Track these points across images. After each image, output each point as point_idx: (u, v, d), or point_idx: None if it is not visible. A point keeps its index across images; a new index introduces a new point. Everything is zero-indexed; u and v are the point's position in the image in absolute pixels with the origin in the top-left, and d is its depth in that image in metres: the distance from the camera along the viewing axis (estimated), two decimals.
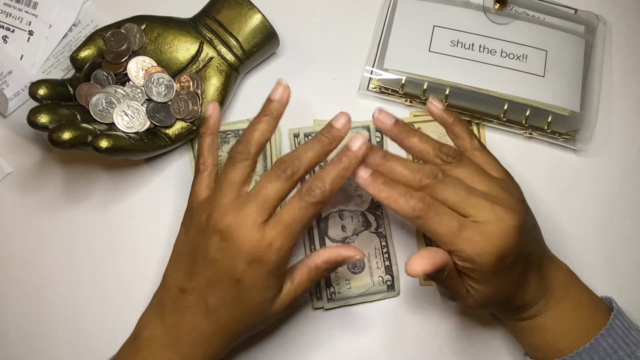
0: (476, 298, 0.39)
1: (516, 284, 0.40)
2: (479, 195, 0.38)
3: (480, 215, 0.37)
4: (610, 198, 0.51)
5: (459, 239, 0.37)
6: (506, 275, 0.39)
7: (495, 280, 0.38)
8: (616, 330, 0.40)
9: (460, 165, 0.40)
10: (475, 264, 0.37)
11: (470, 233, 0.37)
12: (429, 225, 0.37)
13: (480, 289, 0.39)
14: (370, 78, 0.51)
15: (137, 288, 0.49)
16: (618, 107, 0.53)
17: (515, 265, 0.39)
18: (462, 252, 0.37)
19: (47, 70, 0.53)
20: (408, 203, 0.37)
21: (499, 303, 0.41)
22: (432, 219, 0.37)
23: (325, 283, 0.48)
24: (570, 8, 0.53)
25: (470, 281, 0.39)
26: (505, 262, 0.37)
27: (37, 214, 0.50)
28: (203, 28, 0.49)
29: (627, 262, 0.50)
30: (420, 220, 0.37)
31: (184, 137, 0.49)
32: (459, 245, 0.37)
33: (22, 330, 0.48)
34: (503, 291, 0.39)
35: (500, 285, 0.39)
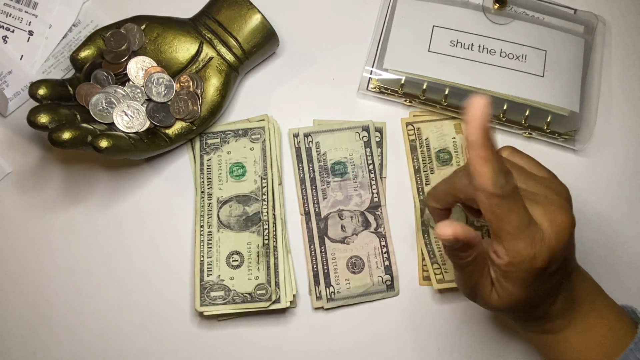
0: (504, 299, 0.36)
1: (549, 291, 0.37)
2: (537, 195, 0.35)
3: (540, 215, 0.34)
4: (609, 198, 0.51)
5: (523, 235, 0.33)
6: (545, 281, 0.36)
7: (532, 286, 0.35)
8: None
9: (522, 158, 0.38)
10: (525, 264, 0.34)
11: (534, 233, 0.34)
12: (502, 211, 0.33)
13: (513, 292, 0.35)
14: (369, 78, 0.51)
15: (137, 288, 0.49)
16: (617, 107, 0.53)
17: (557, 272, 0.36)
18: (516, 248, 0.34)
19: (47, 70, 0.53)
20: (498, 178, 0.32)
21: (525, 309, 0.38)
22: (509, 205, 0.33)
23: (325, 283, 0.48)
24: (569, 8, 0.53)
25: (506, 282, 0.35)
26: (553, 266, 0.35)
27: (37, 214, 0.50)
28: (203, 28, 0.49)
29: (627, 263, 0.50)
30: (496, 202, 0.32)
31: (183, 137, 0.49)
32: (520, 241, 0.33)
33: (22, 330, 0.48)
34: (535, 298, 0.36)
35: (535, 290, 0.36)
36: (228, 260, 0.48)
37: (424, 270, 0.49)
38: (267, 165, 0.50)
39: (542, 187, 0.36)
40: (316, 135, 0.51)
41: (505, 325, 0.48)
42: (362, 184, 0.50)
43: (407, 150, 0.51)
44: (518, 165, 0.38)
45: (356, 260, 0.49)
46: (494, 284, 0.36)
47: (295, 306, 0.48)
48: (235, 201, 0.49)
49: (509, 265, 0.34)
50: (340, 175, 0.50)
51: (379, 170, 0.50)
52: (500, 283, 0.35)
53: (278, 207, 0.49)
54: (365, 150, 0.51)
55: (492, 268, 0.36)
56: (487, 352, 0.48)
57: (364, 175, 0.50)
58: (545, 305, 0.38)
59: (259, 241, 0.48)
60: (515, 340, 0.48)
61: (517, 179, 0.35)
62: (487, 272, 0.36)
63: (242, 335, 0.48)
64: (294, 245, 0.49)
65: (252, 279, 0.47)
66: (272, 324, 0.48)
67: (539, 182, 0.37)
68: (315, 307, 0.48)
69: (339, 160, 0.50)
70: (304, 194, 0.50)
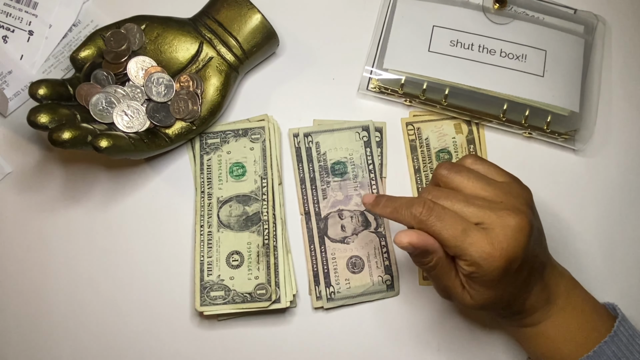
0: (476, 299, 0.39)
1: (520, 288, 0.39)
2: (478, 203, 0.37)
3: (485, 221, 0.37)
4: (609, 198, 0.51)
5: (464, 243, 0.36)
6: (511, 280, 0.38)
7: (499, 285, 0.38)
8: (620, 337, 0.40)
9: (458, 174, 0.39)
10: (482, 268, 0.36)
11: (475, 237, 0.36)
12: (432, 229, 0.37)
13: (483, 292, 0.38)
14: (369, 78, 0.51)
15: (137, 288, 0.49)
16: (617, 107, 0.53)
17: (522, 270, 0.38)
18: (467, 257, 0.36)
19: (47, 70, 0.53)
20: (410, 210, 0.38)
21: (499, 306, 0.40)
22: (435, 224, 0.37)
23: (325, 283, 0.48)
24: (569, 8, 0.53)
25: (475, 284, 0.38)
26: (512, 266, 0.37)
27: (37, 214, 0.50)
28: (203, 28, 0.49)
29: (627, 263, 0.50)
30: (424, 225, 0.37)
31: (183, 137, 0.49)
32: (465, 249, 0.36)
33: (22, 330, 0.48)
34: (505, 295, 0.39)
35: (504, 289, 0.38)
36: (228, 260, 0.48)
37: None
38: (267, 165, 0.50)
39: (501, 192, 0.39)
40: (316, 135, 0.51)
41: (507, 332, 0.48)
42: (362, 184, 0.50)
43: (407, 150, 0.51)
44: (479, 173, 0.40)
45: (356, 260, 0.49)
46: (465, 287, 0.39)
47: (295, 306, 0.48)
48: (235, 201, 0.49)
49: (471, 274, 0.37)
50: (340, 175, 0.50)
51: (379, 170, 0.50)
52: (471, 286, 0.39)
53: (278, 207, 0.49)
54: (365, 150, 0.51)
55: (462, 277, 0.39)
56: (487, 352, 0.48)
57: (364, 175, 0.50)
58: (518, 302, 0.40)
59: (259, 241, 0.48)
60: (514, 340, 0.48)
61: (473, 187, 0.39)
62: (456, 276, 0.39)
63: (242, 335, 0.48)
64: (294, 245, 0.49)
65: (252, 279, 0.47)
66: (272, 324, 0.48)
67: (498, 187, 0.39)
68: (315, 307, 0.48)
69: (339, 160, 0.50)
70: (304, 193, 0.50)
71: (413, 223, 0.38)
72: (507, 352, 0.48)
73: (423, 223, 0.37)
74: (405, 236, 0.37)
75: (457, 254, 0.37)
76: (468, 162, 0.41)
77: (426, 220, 0.37)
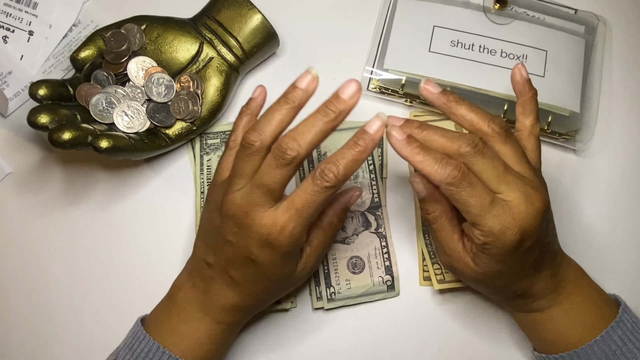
0: (479, 268, 0.39)
1: (527, 270, 0.40)
2: (514, 174, 0.38)
3: (511, 194, 0.37)
4: (610, 198, 0.51)
5: (489, 214, 0.37)
6: (520, 258, 0.38)
7: (509, 260, 0.38)
8: (625, 323, 0.41)
9: (506, 142, 0.39)
10: (498, 240, 0.37)
11: (500, 210, 0.37)
12: (461, 194, 0.37)
13: (489, 264, 0.39)
14: (370, 78, 0.51)
15: (137, 287, 0.49)
16: (618, 107, 0.53)
17: (534, 249, 0.39)
18: (487, 227, 0.37)
19: (47, 71, 0.53)
20: (444, 169, 0.37)
21: (503, 282, 0.40)
22: (466, 189, 0.37)
23: (325, 283, 0.48)
24: (570, 8, 0.53)
25: (484, 255, 0.38)
26: (526, 243, 0.38)
27: (37, 214, 0.50)
28: (203, 28, 0.49)
29: (627, 262, 0.50)
30: (453, 188, 0.37)
31: (184, 137, 0.49)
32: (487, 219, 0.37)
33: (22, 330, 0.48)
34: (509, 273, 0.39)
35: (511, 265, 0.39)
36: None
37: (425, 271, 0.49)
38: None
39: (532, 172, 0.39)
40: None
41: (505, 326, 0.48)
42: (362, 184, 0.50)
43: None
44: (519, 146, 0.40)
45: (356, 260, 0.49)
46: (472, 255, 0.40)
47: (295, 306, 0.48)
48: None
49: (485, 244, 0.38)
50: None
51: (379, 170, 0.50)
52: (479, 257, 0.39)
53: None
54: None
55: (472, 245, 0.39)
56: (487, 352, 0.48)
57: (364, 176, 0.50)
58: (525, 284, 0.41)
59: None
60: (515, 340, 0.48)
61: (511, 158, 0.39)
62: (458, 240, 0.40)
63: (242, 336, 0.48)
64: None
65: None
66: (272, 324, 0.48)
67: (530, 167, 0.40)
68: (316, 307, 0.48)
69: None
70: None
71: (443, 182, 0.37)
72: (508, 352, 0.48)
73: (453, 185, 0.37)
74: (420, 176, 0.38)
75: (476, 222, 0.37)
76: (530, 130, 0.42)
77: (458, 183, 0.37)
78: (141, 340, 0.41)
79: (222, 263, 0.40)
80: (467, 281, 0.43)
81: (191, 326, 0.41)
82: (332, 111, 0.37)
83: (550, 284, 0.41)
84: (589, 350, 0.40)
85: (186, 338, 0.41)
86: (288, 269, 0.41)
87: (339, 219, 0.43)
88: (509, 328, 0.48)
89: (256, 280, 0.40)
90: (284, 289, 0.44)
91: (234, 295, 0.41)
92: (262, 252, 0.38)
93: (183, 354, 0.40)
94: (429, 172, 0.37)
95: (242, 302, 0.42)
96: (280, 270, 0.40)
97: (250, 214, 0.37)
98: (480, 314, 0.48)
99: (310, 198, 0.37)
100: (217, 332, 0.42)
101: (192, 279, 0.43)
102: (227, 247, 0.39)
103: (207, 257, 0.41)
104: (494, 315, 0.48)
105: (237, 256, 0.39)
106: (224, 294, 0.41)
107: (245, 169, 0.38)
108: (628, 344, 0.40)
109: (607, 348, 0.40)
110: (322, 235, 0.42)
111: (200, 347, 0.41)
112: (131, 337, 0.42)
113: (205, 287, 0.42)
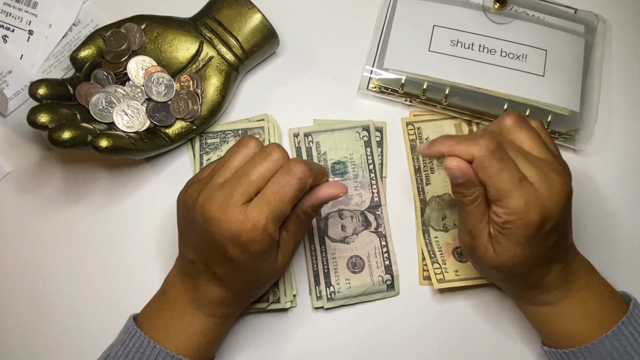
0: (500, 255, 0.39)
1: (542, 258, 0.40)
2: (537, 158, 0.39)
3: (535, 176, 0.38)
4: (610, 198, 0.51)
5: (516, 192, 0.37)
6: (540, 241, 0.39)
7: (528, 243, 0.38)
8: (636, 319, 0.41)
9: (523, 130, 0.40)
10: (520, 219, 0.37)
11: (527, 189, 0.37)
12: (491, 170, 0.37)
13: (509, 248, 0.39)
14: (370, 78, 0.51)
15: (137, 287, 0.49)
16: (618, 107, 0.53)
17: (552, 234, 0.39)
18: (511, 205, 0.37)
19: (47, 70, 0.53)
20: (478, 141, 0.37)
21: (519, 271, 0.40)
22: (496, 165, 0.37)
23: (325, 282, 0.48)
24: (570, 8, 0.53)
25: (504, 238, 0.39)
26: (546, 226, 0.38)
27: (37, 214, 0.50)
28: (203, 28, 0.49)
29: (627, 262, 0.50)
30: (484, 164, 0.37)
31: (183, 136, 0.49)
32: (513, 197, 0.37)
33: (22, 330, 0.48)
34: (529, 258, 0.39)
35: (530, 251, 0.39)
36: None
37: (424, 270, 0.49)
38: None
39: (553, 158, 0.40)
40: (316, 134, 0.51)
41: (505, 325, 0.48)
42: (362, 184, 0.50)
43: (408, 149, 0.51)
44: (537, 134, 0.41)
45: (356, 260, 0.49)
46: (492, 241, 0.39)
47: (295, 306, 0.48)
48: None
49: (507, 223, 0.38)
50: (340, 175, 0.50)
51: (379, 169, 0.50)
52: (498, 240, 0.39)
53: None
54: (366, 149, 0.51)
55: (492, 227, 0.39)
56: (487, 352, 0.48)
57: (364, 175, 0.50)
58: (537, 274, 0.41)
59: None
60: (514, 340, 0.48)
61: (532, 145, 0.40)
62: (487, 224, 0.40)
63: (241, 335, 0.48)
64: None
65: None
66: (272, 324, 0.48)
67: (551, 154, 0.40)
68: (315, 307, 0.48)
69: (339, 160, 0.50)
70: None
71: (478, 152, 0.37)
72: (508, 351, 0.48)
73: (484, 161, 0.37)
74: (456, 161, 0.37)
75: (502, 199, 0.37)
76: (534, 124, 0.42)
77: (489, 159, 0.37)
78: (133, 336, 0.41)
79: (204, 259, 0.41)
80: (484, 269, 0.43)
81: (183, 321, 0.42)
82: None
83: (561, 277, 0.41)
84: (600, 346, 0.40)
85: (178, 333, 0.42)
86: (269, 262, 0.41)
87: (314, 210, 0.42)
88: (508, 328, 0.48)
89: (239, 276, 0.41)
90: (269, 280, 0.44)
91: (222, 290, 0.42)
92: (236, 251, 0.38)
93: (176, 349, 0.41)
94: (463, 149, 0.37)
95: (230, 296, 0.42)
96: (260, 264, 0.40)
97: (222, 211, 0.38)
98: (480, 313, 0.48)
99: (282, 189, 0.38)
100: (209, 325, 0.42)
101: (180, 276, 0.43)
102: (204, 246, 0.40)
103: (189, 255, 0.42)
104: (494, 314, 0.48)
105: (215, 254, 0.39)
106: (211, 289, 0.41)
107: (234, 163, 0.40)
108: (639, 339, 0.40)
109: (618, 343, 0.40)
110: (298, 222, 0.42)
111: (193, 341, 0.42)
112: (124, 333, 0.42)
113: (194, 284, 0.42)
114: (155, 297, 0.45)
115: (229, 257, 0.39)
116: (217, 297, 0.42)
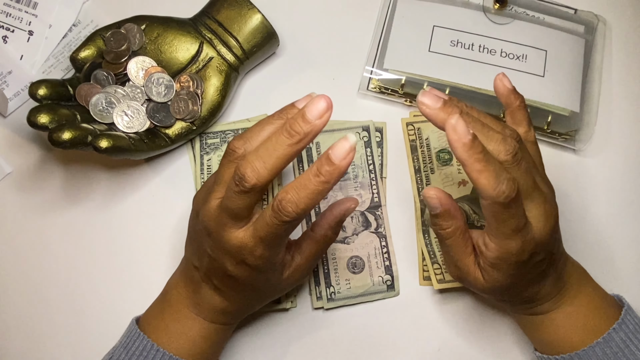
0: (489, 282, 0.39)
1: (535, 278, 0.40)
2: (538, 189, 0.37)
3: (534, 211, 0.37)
4: (610, 198, 0.51)
5: (517, 236, 0.36)
6: (531, 269, 0.38)
7: (518, 272, 0.38)
8: (628, 325, 0.40)
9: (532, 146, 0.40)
10: (514, 257, 0.36)
11: (526, 232, 0.36)
12: (504, 215, 0.34)
13: (499, 278, 0.38)
14: (370, 78, 0.51)
15: (137, 288, 0.49)
16: (618, 107, 0.53)
17: (543, 261, 0.39)
18: (508, 247, 0.36)
19: (47, 70, 0.53)
20: (500, 186, 0.33)
21: (510, 293, 0.40)
22: (511, 211, 0.34)
23: (325, 283, 0.48)
24: (570, 8, 0.53)
25: (493, 270, 0.38)
26: (537, 257, 0.37)
27: (37, 214, 0.50)
28: (203, 28, 0.49)
29: (627, 262, 0.50)
30: (501, 208, 0.34)
31: (183, 137, 0.49)
32: (512, 240, 0.36)
33: (22, 330, 0.48)
34: (520, 283, 0.39)
35: (521, 277, 0.38)
36: None
37: (424, 271, 0.49)
38: None
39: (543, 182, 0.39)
40: None
41: (505, 325, 0.48)
42: (362, 184, 0.50)
43: (408, 150, 0.51)
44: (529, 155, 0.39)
45: (356, 260, 0.49)
46: (481, 269, 0.39)
47: (295, 306, 0.48)
48: None
49: (497, 259, 0.37)
50: None
51: (379, 170, 0.50)
52: (487, 271, 0.38)
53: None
54: (366, 150, 0.51)
55: (481, 259, 0.38)
56: (487, 352, 0.48)
57: (364, 175, 0.50)
58: (532, 290, 0.40)
59: None
60: (515, 340, 0.48)
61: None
62: (470, 253, 0.39)
63: (241, 335, 0.48)
64: None
65: None
66: (272, 324, 0.48)
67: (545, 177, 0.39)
68: (315, 307, 0.48)
69: None
70: None
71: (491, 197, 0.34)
72: (507, 352, 0.48)
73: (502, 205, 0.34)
74: (435, 190, 0.37)
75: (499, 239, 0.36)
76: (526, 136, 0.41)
77: (508, 204, 0.34)
78: (135, 339, 0.41)
79: (205, 269, 0.40)
80: (476, 291, 0.42)
81: (184, 325, 0.42)
82: (296, 133, 0.33)
83: (554, 288, 0.41)
84: (591, 352, 0.40)
85: (180, 336, 0.41)
86: (270, 281, 0.40)
87: (334, 232, 0.41)
88: (508, 328, 0.48)
89: (239, 290, 0.40)
90: (271, 296, 0.44)
91: (222, 300, 0.41)
92: (237, 269, 0.38)
93: (177, 352, 0.41)
94: (484, 185, 0.33)
95: (230, 307, 0.42)
96: (261, 282, 0.40)
97: (221, 232, 0.37)
98: (480, 313, 0.48)
99: (272, 230, 0.35)
100: (210, 331, 0.42)
101: (183, 279, 0.43)
102: (206, 258, 0.40)
103: (193, 260, 0.42)
104: (493, 315, 0.48)
105: (216, 268, 0.39)
106: (212, 297, 0.41)
107: (227, 177, 0.38)
108: (630, 345, 0.39)
109: (609, 350, 0.39)
110: (315, 247, 0.41)
111: (194, 345, 0.42)
112: (126, 336, 0.42)
113: (195, 289, 0.42)
114: (157, 300, 0.45)
115: (228, 274, 0.39)
116: (217, 305, 0.41)
